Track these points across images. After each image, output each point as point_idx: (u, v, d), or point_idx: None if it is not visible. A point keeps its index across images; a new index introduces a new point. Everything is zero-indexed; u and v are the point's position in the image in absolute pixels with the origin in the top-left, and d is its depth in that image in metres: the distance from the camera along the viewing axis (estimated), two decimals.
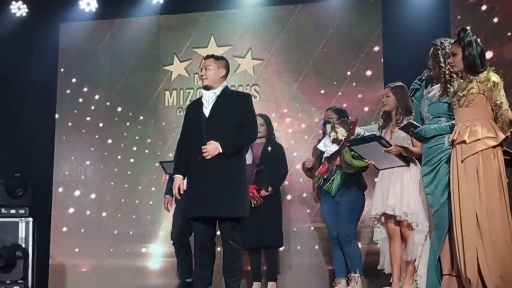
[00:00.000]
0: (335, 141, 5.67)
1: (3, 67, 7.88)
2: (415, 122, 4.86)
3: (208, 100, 4.98)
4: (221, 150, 4.82)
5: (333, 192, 5.76)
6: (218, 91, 4.99)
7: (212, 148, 4.82)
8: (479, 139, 4.39)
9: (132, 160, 7.80)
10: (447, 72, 4.74)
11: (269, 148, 6.45)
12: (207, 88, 5.01)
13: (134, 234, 7.66)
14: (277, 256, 6.58)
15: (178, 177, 4.99)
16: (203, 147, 4.82)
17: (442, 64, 4.77)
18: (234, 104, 4.96)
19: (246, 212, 4.97)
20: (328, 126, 5.74)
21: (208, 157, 4.81)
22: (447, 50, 4.75)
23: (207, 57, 5.12)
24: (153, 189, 7.57)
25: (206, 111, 4.96)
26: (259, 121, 6.40)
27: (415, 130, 4.80)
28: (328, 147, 5.80)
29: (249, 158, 6.31)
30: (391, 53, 7.09)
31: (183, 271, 6.41)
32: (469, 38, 4.50)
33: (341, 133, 5.63)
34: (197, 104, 5.08)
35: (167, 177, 6.50)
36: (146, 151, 7.76)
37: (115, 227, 7.73)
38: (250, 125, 4.99)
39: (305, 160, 6.13)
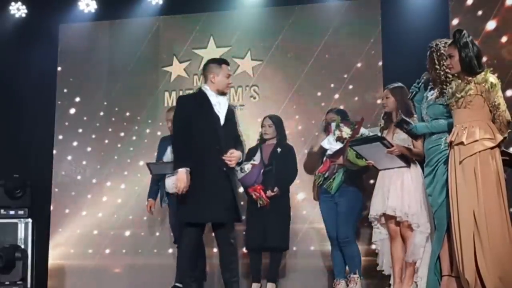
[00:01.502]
0: (339, 139, 5.70)
1: (3, 68, 7.87)
2: (407, 119, 4.92)
3: (221, 105, 4.96)
4: (240, 160, 4.94)
5: (333, 191, 5.75)
6: (226, 99, 5.05)
7: (237, 157, 4.88)
8: (477, 140, 4.39)
9: (130, 161, 7.79)
10: (442, 73, 4.76)
11: (279, 150, 6.42)
12: (224, 93, 5.02)
13: (133, 235, 7.65)
14: (281, 259, 6.51)
15: (185, 171, 4.80)
16: (231, 155, 4.83)
17: (437, 66, 4.79)
18: (233, 116, 5.05)
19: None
20: (333, 125, 5.77)
21: (232, 166, 4.87)
22: (442, 52, 4.76)
23: (228, 63, 5.11)
24: None
25: (221, 116, 4.93)
26: (268, 122, 6.44)
27: (408, 127, 4.88)
28: (332, 145, 5.82)
29: (257, 159, 6.32)
30: (391, 54, 7.08)
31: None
32: (464, 40, 4.50)
33: (346, 131, 5.67)
34: (204, 100, 4.96)
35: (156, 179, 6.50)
36: (147, 152, 7.75)
37: (114, 228, 7.72)
38: (241, 139, 5.08)
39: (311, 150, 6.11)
